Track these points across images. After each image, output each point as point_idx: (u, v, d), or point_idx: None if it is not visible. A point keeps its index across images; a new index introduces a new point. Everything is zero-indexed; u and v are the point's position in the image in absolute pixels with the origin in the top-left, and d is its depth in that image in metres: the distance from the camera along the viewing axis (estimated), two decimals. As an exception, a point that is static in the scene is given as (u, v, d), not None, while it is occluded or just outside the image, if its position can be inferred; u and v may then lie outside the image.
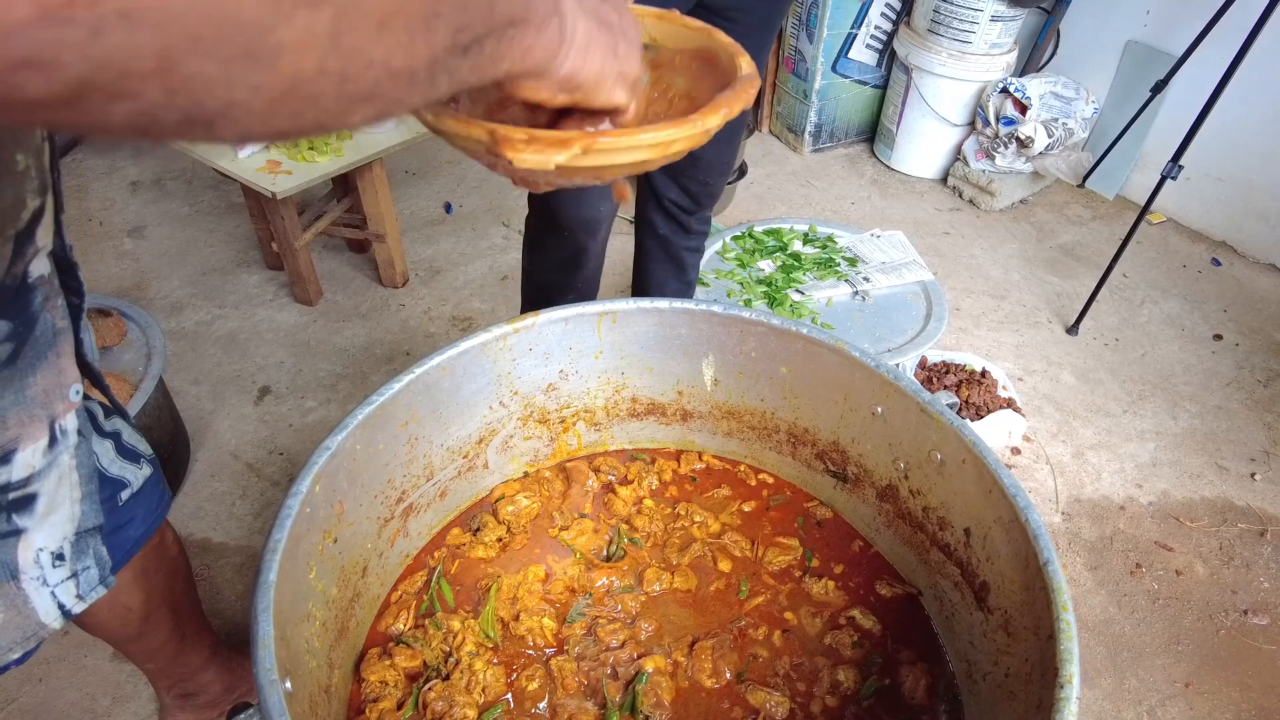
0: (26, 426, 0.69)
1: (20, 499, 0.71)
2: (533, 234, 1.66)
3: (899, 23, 3.23)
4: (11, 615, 0.74)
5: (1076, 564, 1.87)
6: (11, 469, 0.69)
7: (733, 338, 1.11)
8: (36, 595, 0.76)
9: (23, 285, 0.65)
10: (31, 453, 0.70)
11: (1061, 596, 0.76)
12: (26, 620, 0.76)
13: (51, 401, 0.71)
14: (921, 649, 1.00)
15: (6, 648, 0.75)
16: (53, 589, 0.77)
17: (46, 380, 0.70)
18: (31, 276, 0.66)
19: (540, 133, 0.58)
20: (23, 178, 0.62)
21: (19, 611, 0.75)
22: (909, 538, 1.06)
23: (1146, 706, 1.61)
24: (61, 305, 0.72)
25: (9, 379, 0.66)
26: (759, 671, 0.97)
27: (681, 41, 0.77)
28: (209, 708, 1.37)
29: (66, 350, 0.73)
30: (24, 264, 0.64)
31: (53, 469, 0.73)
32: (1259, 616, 1.78)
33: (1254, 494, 2.06)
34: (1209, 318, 2.67)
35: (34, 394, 0.69)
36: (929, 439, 0.97)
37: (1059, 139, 2.96)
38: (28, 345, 0.67)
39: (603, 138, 0.58)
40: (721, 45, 0.74)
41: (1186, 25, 2.76)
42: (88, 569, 0.81)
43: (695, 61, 0.76)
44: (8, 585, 0.73)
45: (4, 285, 0.63)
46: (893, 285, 2.34)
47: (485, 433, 1.11)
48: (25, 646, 0.77)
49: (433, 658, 0.95)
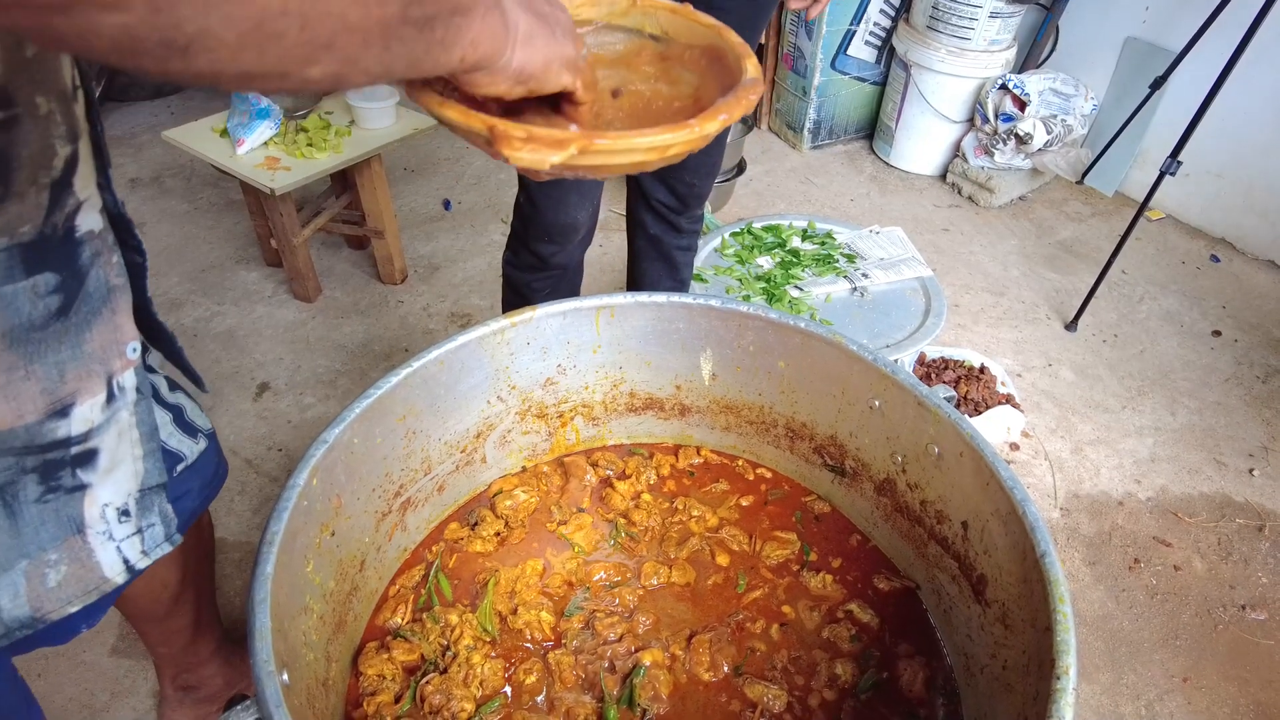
0: (84, 381, 0.70)
1: (82, 454, 0.72)
2: (513, 239, 1.66)
3: (898, 19, 3.22)
4: (75, 569, 0.75)
5: (1075, 559, 1.87)
6: (71, 423, 0.70)
7: (730, 332, 1.11)
8: (102, 550, 0.77)
9: (68, 238, 0.66)
10: (89, 408, 0.71)
11: (1059, 589, 0.76)
12: (90, 574, 0.77)
13: (109, 358, 0.72)
14: (919, 642, 1.01)
15: (67, 600, 0.76)
16: (118, 544, 0.79)
17: (103, 336, 0.71)
18: (79, 230, 0.67)
19: (538, 131, 0.58)
20: (47, 122, 0.62)
21: (82, 565, 0.76)
22: (907, 531, 1.06)
23: (1144, 701, 1.61)
24: (117, 262, 0.73)
25: (63, 332, 0.67)
26: (757, 665, 0.98)
27: (692, 36, 0.76)
28: (208, 702, 1.37)
29: (123, 307, 0.74)
30: (63, 215, 0.65)
31: (111, 425, 0.74)
32: (1257, 611, 1.78)
33: (1252, 489, 2.06)
34: (1208, 314, 2.67)
35: (91, 349, 0.70)
36: (926, 432, 0.97)
37: (1058, 135, 2.96)
38: (80, 300, 0.68)
39: (599, 139, 0.59)
40: (730, 45, 0.74)
41: (1185, 21, 2.76)
42: (153, 526, 0.82)
43: (704, 58, 0.76)
44: (74, 539, 0.74)
45: (45, 236, 0.63)
46: (891, 281, 2.34)
47: (483, 427, 1.11)
48: (85, 600, 0.78)
49: (430, 651, 0.95)
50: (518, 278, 1.69)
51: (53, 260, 0.64)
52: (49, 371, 0.66)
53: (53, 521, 0.72)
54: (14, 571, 0.71)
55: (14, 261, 0.61)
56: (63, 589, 0.75)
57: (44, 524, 0.71)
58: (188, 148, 2.16)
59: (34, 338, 0.64)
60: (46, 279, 0.64)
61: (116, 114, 3.41)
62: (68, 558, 0.74)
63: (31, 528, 0.71)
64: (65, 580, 0.75)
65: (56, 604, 0.75)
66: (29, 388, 0.65)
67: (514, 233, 1.64)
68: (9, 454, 0.67)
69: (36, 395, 0.66)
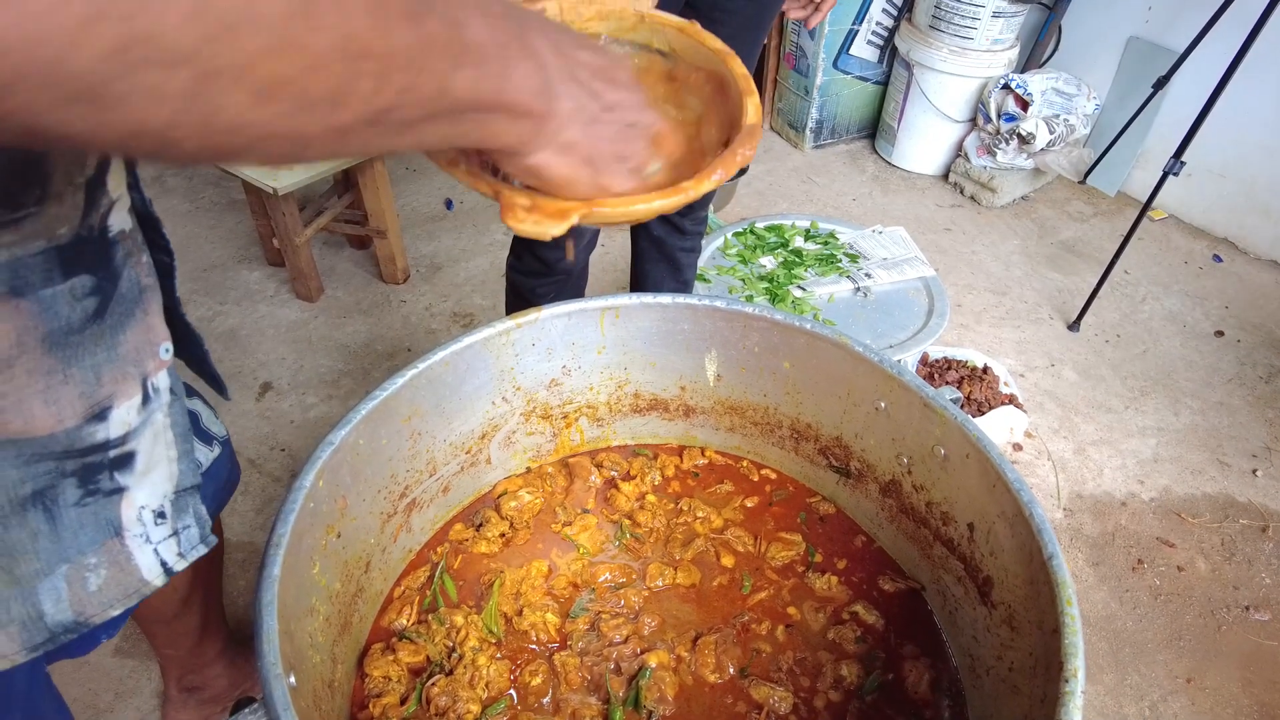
0: (120, 384, 0.70)
1: (120, 457, 0.72)
2: (517, 244, 1.66)
3: (900, 19, 3.22)
4: (114, 572, 0.75)
5: (1078, 560, 1.87)
6: (109, 426, 0.70)
7: (735, 333, 1.10)
8: (140, 552, 0.77)
9: (103, 239, 0.66)
10: (126, 410, 0.71)
11: (1066, 591, 0.76)
12: (129, 577, 0.77)
13: (143, 359, 0.72)
14: (924, 644, 1.00)
15: (108, 603, 0.76)
16: (155, 546, 0.79)
17: (137, 337, 0.71)
18: (112, 231, 0.67)
19: (543, 201, 0.58)
20: None
21: (121, 568, 0.76)
22: (912, 533, 1.06)
23: (1148, 702, 1.61)
24: (147, 262, 0.72)
25: (99, 335, 0.66)
26: (762, 666, 0.97)
27: (698, 58, 0.75)
28: (213, 703, 1.37)
29: (155, 308, 0.73)
30: (98, 215, 0.65)
31: (147, 426, 0.74)
32: (1260, 612, 1.78)
33: (1256, 490, 2.06)
34: (1210, 314, 2.67)
35: (125, 351, 0.70)
36: (932, 434, 0.97)
37: (1060, 135, 2.96)
38: (114, 301, 0.67)
39: (599, 207, 0.59)
40: (735, 76, 0.72)
41: (1188, 21, 2.76)
42: (189, 527, 0.82)
43: (710, 85, 0.74)
44: (112, 542, 0.74)
45: (83, 238, 0.63)
46: (894, 281, 2.34)
47: (488, 428, 1.11)
48: (126, 604, 0.78)
49: (436, 653, 0.95)
50: (522, 283, 1.69)
51: (89, 262, 0.64)
52: (86, 375, 0.66)
53: (91, 525, 0.72)
54: (55, 576, 0.71)
55: (52, 264, 0.61)
56: (103, 592, 0.75)
57: (83, 528, 0.71)
58: (190, 147, 2.16)
59: (72, 341, 0.64)
60: (83, 281, 0.64)
61: (118, 113, 3.41)
62: (107, 561, 0.74)
63: (70, 531, 0.70)
64: (105, 584, 0.75)
65: (98, 607, 0.75)
66: (68, 392, 0.65)
67: (517, 238, 1.64)
68: (49, 459, 0.66)
69: (75, 399, 0.66)
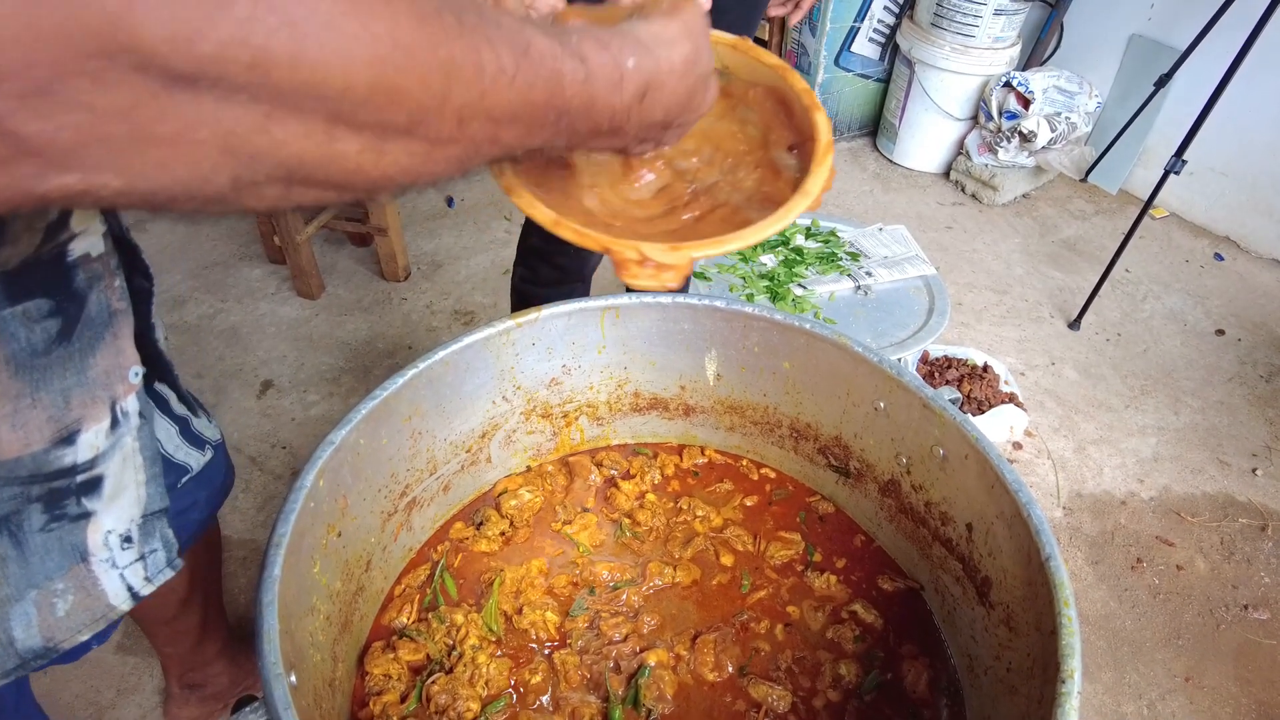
0: (89, 408, 0.70)
1: (88, 481, 0.72)
2: (530, 256, 1.66)
3: (902, 16, 3.22)
4: (81, 597, 0.75)
5: (1078, 559, 1.88)
6: (77, 450, 0.69)
7: (735, 333, 1.11)
8: (106, 577, 0.77)
9: (57, 263, 0.65)
10: (95, 434, 0.71)
11: (1064, 592, 0.76)
12: (96, 602, 0.77)
13: (112, 383, 0.72)
14: (923, 643, 1.01)
15: (76, 629, 0.76)
16: (121, 571, 0.79)
17: (106, 361, 0.70)
18: (72, 255, 0.66)
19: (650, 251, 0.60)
20: None
21: (89, 593, 0.76)
22: (911, 533, 1.06)
23: (1147, 701, 1.62)
24: (120, 286, 0.72)
25: (67, 358, 0.66)
26: (761, 665, 0.98)
27: (755, 75, 0.75)
28: (214, 700, 1.38)
29: (125, 332, 0.73)
30: (52, 244, 0.64)
31: (116, 451, 0.74)
32: (1259, 611, 1.79)
33: (1255, 489, 2.07)
34: (1211, 313, 2.67)
35: (95, 375, 0.69)
36: (931, 434, 0.97)
37: (1062, 133, 2.95)
38: (81, 324, 0.67)
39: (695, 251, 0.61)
40: (796, 93, 0.72)
41: (1190, 19, 2.75)
42: (155, 551, 0.82)
43: (769, 100, 0.74)
44: (78, 567, 0.74)
45: (31, 263, 0.62)
46: (895, 280, 2.34)
47: (488, 427, 1.11)
48: (94, 628, 0.78)
49: (436, 651, 0.95)
50: (534, 293, 1.68)
51: (41, 286, 0.64)
52: (55, 398, 0.66)
53: (57, 550, 0.72)
54: (24, 601, 0.71)
55: None
56: (71, 618, 0.75)
57: (49, 553, 0.71)
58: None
59: (38, 364, 0.64)
60: (39, 304, 0.63)
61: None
62: (74, 586, 0.74)
63: (38, 557, 0.70)
64: (73, 609, 0.75)
65: (67, 633, 0.75)
66: (36, 415, 0.65)
67: (532, 250, 1.63)
68: (15, 483, 0.66)
69: (43, 423, 0.65)
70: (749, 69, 0.75)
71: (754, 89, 0.74)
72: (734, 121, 0.75)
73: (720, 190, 0.73)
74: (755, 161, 0.73)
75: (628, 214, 0.71)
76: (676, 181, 0.73)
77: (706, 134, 0.75)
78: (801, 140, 0.71)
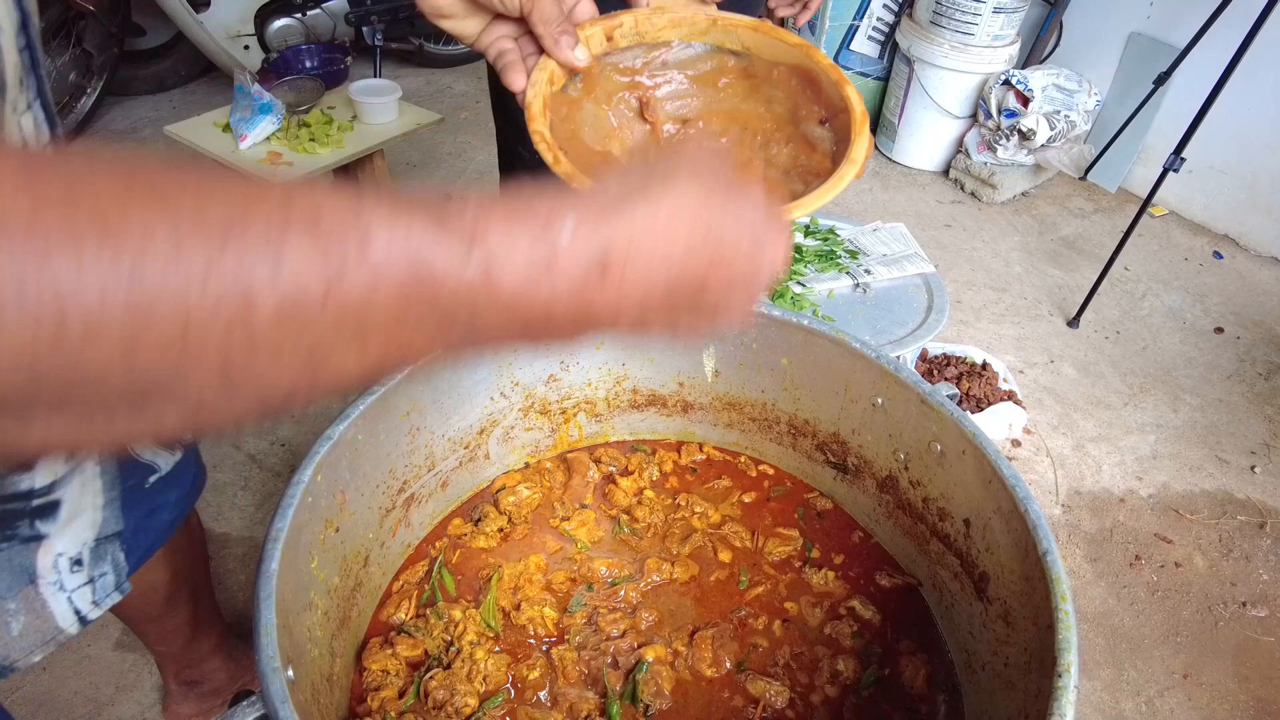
0: None
1: (44, 506, 0.71)
2: None
3: (901, 14, 3.22)
4: (31, 619, 0.75)
5: (1076, 556, 1.88)
6: (35, 475, 0.68)
7: (733, 329, 1.11)
8: (54, 600, 0.76)
9: None
10: (54, 459, 0.70)
11: (1060, 586, 0.76)
12: (45, 624, 0.76)
13: None
14: (921, 639, 1.01)
15: (29, 650, 0.75)
16: (69, 594, 0.78)
17: None
18: None
19: None
20: None
21: (38, 615, 0.75)
22: (909, 528, 1.06)
23: (1145, 697, 1.62)
24: None
25: None
26: (759, 661, 0.98)
27: (777, 55, 0.76)
28: (212, 696, 1.38)
29: None
30: None
31: (75, 476, 0.73)
32: (1258, 608, 1.79)
33: (1254, 487, 2.07)
34: (1210, 311, 2.67)
35: None
36: (929, 430, 0.97)
37: (1061, 131, 2.95)
38: None
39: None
40: (823, 68, 0.73)
41: (1190, 17, 2.75)
42: (104, 575, 0.81)
43: (794, 78, 0.75)
44: (28, 589, 0.73)
45: None
46: (894, 278, 2.34)
47: (486, 423, 1.11)
48: (45, 650, 0.77)
49: (434, 647, 0.96)
50: None
51: None
52: None
53: (6, 570, 0.71)
54: None
55: None
56: (24, 638, 0.74)
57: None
58: (190, 143, 2.16)
59: None
60: None
61: (118, 109, 3.41)
62: (25, 607, 0.73)
63: None
64: (26, 629, 0.74)
65: (21, 652, 0.74)
66: None
67: None
68: None
69: None
70: (771, 49, 0.76)
71: (777, 69, 0.76)
72: (759, 102, 0.76)
73: (755, 167, 0.75)
74: (786, 137, 0.75)
75: None
76: None
77: (733, 115, 0.77)
78: (833, 114, 0.72)
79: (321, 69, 2.88)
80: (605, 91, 0.76)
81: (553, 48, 0.68)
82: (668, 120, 0.78)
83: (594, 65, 0.73)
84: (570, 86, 0.74)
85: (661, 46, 0.76)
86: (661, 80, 0.77)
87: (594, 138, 0.75)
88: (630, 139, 0.76)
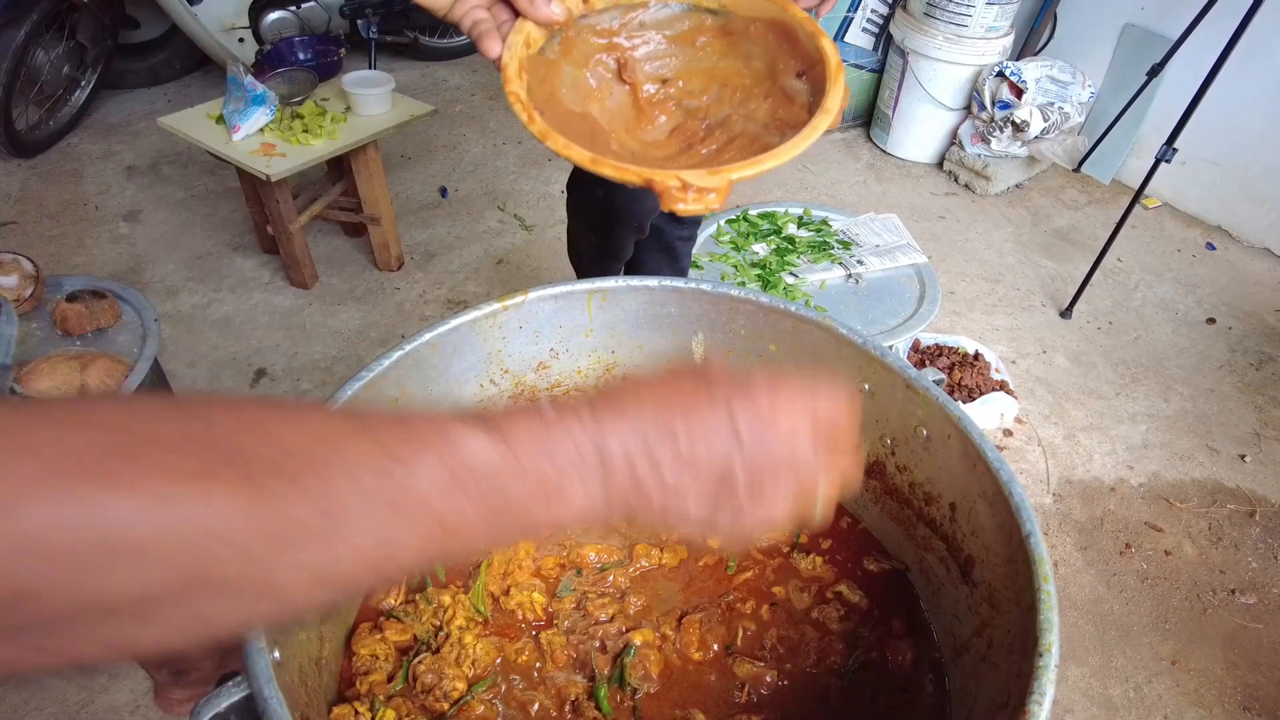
0: None
1: None
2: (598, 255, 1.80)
3: (895, 6, 3.21)
4: None
5: (1067, 544, 1.89)
6: None
7: (721, 316, 1.11)
8: None
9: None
10: None
11: (1042, 568, 0.77)
12: None
13: None
14: (908, 622, 1.01)
15: None
16: None
17: None
18: None
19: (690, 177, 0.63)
20: None
21: None
22: (896, 513, 1.07)
23: (1133, 683, 1.63)
24: None
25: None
26: (746, 644, 0.98)
27: (754, 9, 0.76)
28: (201, 684, 1.38)
29: None
30: None
31: None
32: (1246, 596, 1.80)
33: (1244, 475, 2.08)
34: (1202, 301, 2.68)
35: None
36: (915, 414, 0.97)
37: (1055, 123, 2.96)
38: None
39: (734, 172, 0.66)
40: (798, 21, 0.74)
41: (1183, 8, 2.75)
42: None
43: (771, 33, 0.76)
44: None
45: None
46: (886, 268, 2.35)
47: (476, 411, 1.12)
48: None
49: (423, 631, 0.96)
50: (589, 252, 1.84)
51: None
52: None
53: None
54: None
55: None
56: None
57: None
58: (184, 134, 2.16)
59: None
60: None
61: (112, 101, 3.40)
62: None
63: None
64: None
65: None
66: None
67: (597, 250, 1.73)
68: None
69: None
70: (747, 5, 0.76)
71: (754, 24, 0.76)
72: (738, 58, 0.77)
73: (734, 122, 0.76)
74: (765, 92, 0.76)
75: (647, 155, 0.75)
76: (689, 120, 0.77)
77: (711, 73, 0.77)
78: (809, 66, 0.73)
79: (315, 61, 2.87)
80: (583, 53, 0.77)
81: (527, 7, 0.69)
82: (647, 80, 0.79)
83: (571, 27, 0.74)
84: (548, 49, 0.74)
85: (639, 7, 0.77)
86: (639, 41, 0.78)
87: (573, 99, 0.76)
88: (610, 100, 0.77)
